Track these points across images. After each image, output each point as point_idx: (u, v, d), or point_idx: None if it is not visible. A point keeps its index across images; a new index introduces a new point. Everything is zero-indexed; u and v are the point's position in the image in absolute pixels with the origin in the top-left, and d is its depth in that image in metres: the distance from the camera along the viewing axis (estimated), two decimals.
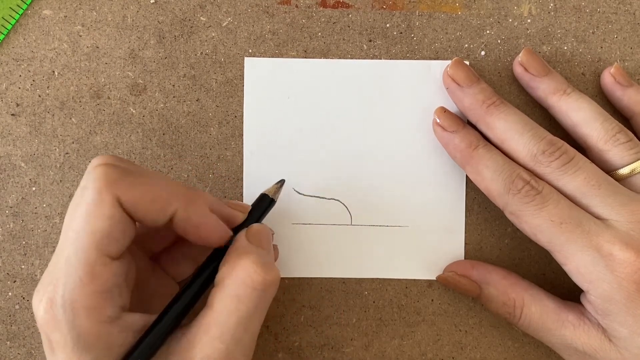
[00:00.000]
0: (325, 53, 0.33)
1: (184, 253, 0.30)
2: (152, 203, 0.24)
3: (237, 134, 0.33)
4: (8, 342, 0.33)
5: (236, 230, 0.27)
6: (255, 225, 0.28)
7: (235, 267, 0.25)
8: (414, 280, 0.33)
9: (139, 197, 0.24)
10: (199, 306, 0.26)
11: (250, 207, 0.29)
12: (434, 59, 0.33)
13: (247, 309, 0.24)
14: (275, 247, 0.32)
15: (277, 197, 0.30)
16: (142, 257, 0.29)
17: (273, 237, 0.30)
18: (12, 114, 0.33)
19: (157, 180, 0.25)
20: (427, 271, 0.33)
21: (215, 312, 0.24)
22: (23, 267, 0.33)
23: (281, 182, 0.30)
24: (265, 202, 0.29)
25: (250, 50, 0.33)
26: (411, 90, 0.33)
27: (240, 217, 0.28)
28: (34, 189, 0.33)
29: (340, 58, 0.33)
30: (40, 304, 0.23)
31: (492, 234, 0.33)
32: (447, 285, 0.32)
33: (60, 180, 0.33)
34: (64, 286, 0.23)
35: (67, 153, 0.33)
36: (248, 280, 0.25)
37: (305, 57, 0.33)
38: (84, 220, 0.23)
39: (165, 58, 0.33)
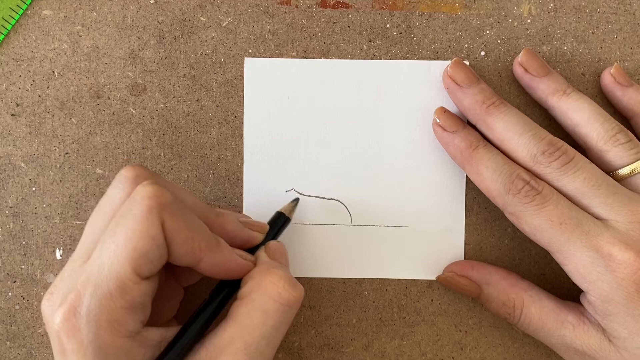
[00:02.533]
0: (325, 53, 0.33)
1: None
2: (185, 241, 0.24)
3: (237, 134, 0.33)
4: (8, 342, 0.33)
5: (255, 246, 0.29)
6: (272, 243, 0.29)
7: (262, 282, 0.25)
8: (414, 280, 0.33)
9: (179, 228, 0.24)
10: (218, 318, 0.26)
11: (268, 228, 0.29)
12: (434, 59, 0.33)
13: (273, 324, 0.25)
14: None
15: (292, 215, 0.31)
16: None
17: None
18: (12, 114, 0.33)
19: (193, 220, 0.25)
20: (427, 271, 0.33)
21: (240, 325, 0.25)
22: (23, 267, 0.33)
23: (296, 201, 0.32)
24: (281, 220, 0.30)
25: (250, 51, 0.33)
26: (411, 91, 0.33)
27: (259, 238, 0.29)
28: (34, 189, 0.33)
29: (340, 58, 0.33)
30: (58, 310, 0.23)
31: (492, 234, 0.33)
32: (446, 285, 0.32)
33: (60, 181, 0.33)
34: (91, 297, 0.22)
35: (67, 153, 0.33)
36: (276, 296, 0.25)
37: (305, 57, 0.33)
38: (126, 235, 0.23)
39: (165, 58, 0.33)
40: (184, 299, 0.30)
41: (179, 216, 0.24)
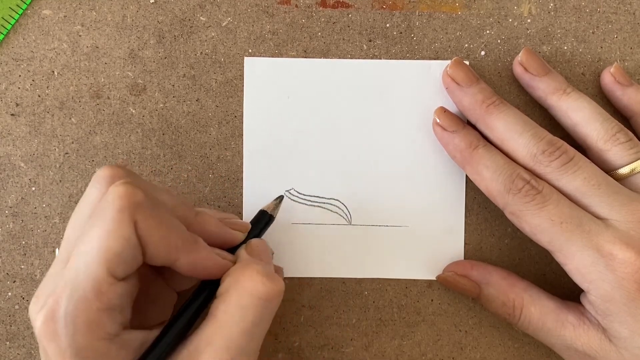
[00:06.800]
0: (325, 53, 0.33)
1: None
2: (160, 241, 0.24)
3: (237, 134, 0.33)
4: (8, 342, 0.33)
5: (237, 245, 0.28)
6: (254, 240, 0.28)
7: (240, 277, 0.25)
8: (414, 280, 0.33)
9: (152, 228, 0.23)
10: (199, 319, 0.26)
11: (249, 227, 0.29)
12: (434, 59, 0.33)
13: (252, 319, 0.24)
14: (279, 269, 0.32)
15: (275, 213, 0.30)
16: (144, 267, 0.28)
17: (273, 255, 0.30)
18: (12, 114, 0.33)
19: (168, 219, 0.24)
20: (427, 271, 0.33)
21: (219, 323, 0.24)
22: (23, 267, 0.33)
23: (280, 198, 0.31)
24: (264, 219, 0.30)
25: (250, 50, 0.33)
26: (411, 90, 0.33)
27: (240, 237, 0.28)
28: (33, 189, 0.33)
29: (340, 58, 0.33)
30: (39, 314, 0.23)
31: (492, 234, 0.33)
32: (446, 285, 0.32)
33: (60, 180, 0.33)
34: (67, 300, 0.22)
35: (66, 153, 0.33)
36: (254, 291, 0.25)
37: (305, 57, 0.33)
38: (99, 236, 0.23)
39: (165, 58, 0.33)
40: (178, 302, 0.30)
41: (153, 215, 0.23)
